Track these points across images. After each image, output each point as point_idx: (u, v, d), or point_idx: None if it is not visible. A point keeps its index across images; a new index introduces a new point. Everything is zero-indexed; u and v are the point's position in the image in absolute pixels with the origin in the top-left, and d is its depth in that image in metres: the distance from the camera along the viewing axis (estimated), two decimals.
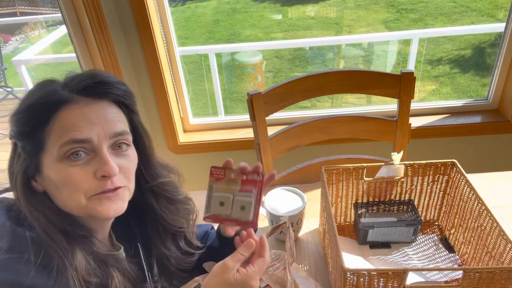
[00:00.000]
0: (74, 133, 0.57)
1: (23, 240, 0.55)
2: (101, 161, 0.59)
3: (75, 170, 0.58)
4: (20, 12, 4.02)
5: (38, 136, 0.58)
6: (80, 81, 0.60)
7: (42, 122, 0.57)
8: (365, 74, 1.22)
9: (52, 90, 0.59)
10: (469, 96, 3.35)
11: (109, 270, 0.61)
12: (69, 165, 0.58)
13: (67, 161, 0.58)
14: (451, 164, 0.95)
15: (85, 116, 0.58)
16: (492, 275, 0.67)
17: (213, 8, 4.86)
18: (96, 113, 0.60)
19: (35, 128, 0.58)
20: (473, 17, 4.08)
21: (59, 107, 0.58)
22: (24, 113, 0.58)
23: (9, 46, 4.04)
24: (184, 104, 1.79)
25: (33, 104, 0.58)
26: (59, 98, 0.58)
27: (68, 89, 0.60)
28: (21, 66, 2.72)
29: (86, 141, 0.58)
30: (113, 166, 0.59)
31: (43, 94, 0.59)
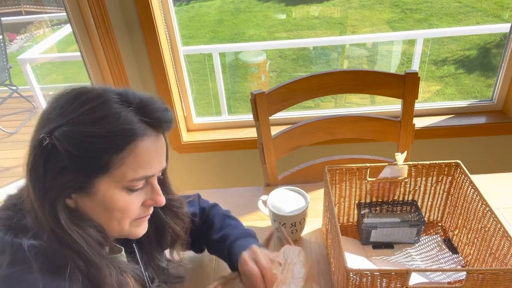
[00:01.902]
0: (148, 170, 0.59)
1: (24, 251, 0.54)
2: (154, 192, 0.63)
3: (133, 199, 0.60)
4: (25, 11, 4.04)
5: (105, 161, 0.55)
6: (155, 115, 0.59)
7: (115, 149, 0.56)
8: (369, 74, 1.22)
9: (131, 121, 0.56)
10: (474, 96, 3.34)
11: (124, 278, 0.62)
12: (128, 194, 0.59)
13: (127, 190, 0.59)
14: (455, 164, 0.95)
15: (156, 152, 0.60)
16: (495, 277, 0.67)
17: (217, 8, 4.86)
18: (161, 148, 0.62)
19: (105, 153, 0.55)
20: (478, 17, 4.06)
21: (135, 138, 0.57)
22: (97, 138, 0.54)
23: (14, 45, 4.06)
24: (188, 103, 1.80)
25: (110, 132, 0.55)
26: (137, 131, 0.57)
27: (142, 120, 0.58)
28: (26, 65, 2.74)
29: (151, 176, 0.61)
30: (163, 197, 0.64)
31: (121, 123, 0.56)
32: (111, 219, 0.60)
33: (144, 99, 0.60)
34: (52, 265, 0.55)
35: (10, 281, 0.52)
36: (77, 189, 0.57)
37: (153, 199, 0.63)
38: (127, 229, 0.63)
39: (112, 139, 0.55)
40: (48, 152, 0.54)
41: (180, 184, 0.85)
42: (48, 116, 0.57)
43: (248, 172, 1.89)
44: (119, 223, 0.61)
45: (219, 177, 1.92)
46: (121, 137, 0.56)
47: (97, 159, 0.55)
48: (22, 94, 3.39)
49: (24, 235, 0.56)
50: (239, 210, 1.13)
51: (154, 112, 0.59)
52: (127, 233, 0.64)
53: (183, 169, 1.89)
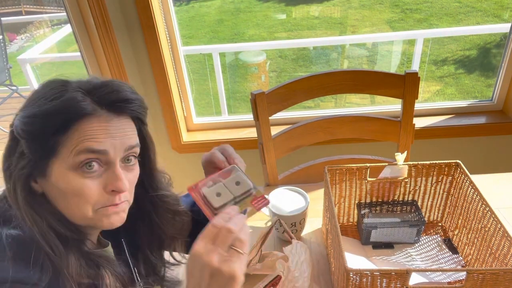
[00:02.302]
0: (92, 143, 0.57)
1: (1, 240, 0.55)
2: (114, 176, 0.60)
3: (88, 182, 0.58)
4: (25, 11, 4.04)
5: (52, 142, 0.56)
6: (105, 95, 0.58)
7: (60, 130, 0.56)
8: (369, 74, 1.22)
9: (74, 100, 0.56)
10: (474, 96, 3.34)
11: (100, 271, 0.61)
12: (82, 176, 0.58)
13: (80, 171, 0.57)
14: (455, 164, 0.95)
15: (105, 130, 0.58)
16: (495, 277, 0.67)
17: (217, 8, 4.86)
18: (116, 128, 0.60)
19: (51, 134, 0.56)
20: (478, 17, 4.06)
21: (80, 118, 0.56)
22: (41, 118, 0.55)
23: (14, 45, 4.06)
24: (188, 103, 1.80)
25: (52, 111, 0.55)
26: (81, 110, 0.56)
27: (90, 100, 0.57)
28: (26, 65, 2.74)
29: (102, 153, 0.58)
30: (125, 183, 0.60)
31: (64, 102, 0.56)
32: (70, 205, 0.59)
33: (103, 82, 0.60)
34: (26, 254, 0.55)
35: None
36: (35, 174, 0.58)
37: (114, 185, 0.59)
38: (94, 218, 0.60)
39: (54, 119, 0.55)
40: (12, 137, 0.58)
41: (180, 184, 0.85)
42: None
43: (248, 172, 1.88)
44: (78, 208, 0.59)
45: None
46: (63, 115, 0.55)
47: (44, 141, 0.56)
48: (22, 94, 3.39)
49: (7, 224, 0.57)
50: None
51: (105, 92, 0.58)
52: (95, 222, 0.61)
53: (183, 169, 1.88)
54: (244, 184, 0.66)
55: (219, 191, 0.64)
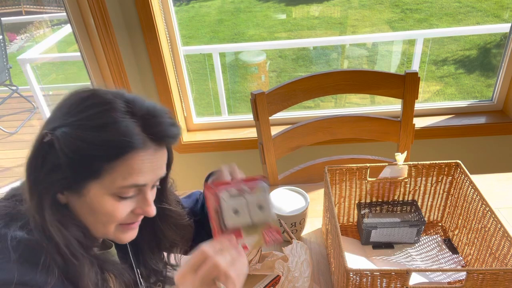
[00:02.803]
0: (137, 179, 0.58)
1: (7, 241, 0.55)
2: (145, 202, 0.62)
3: (121, 206, 0.60)
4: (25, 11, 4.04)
5: (96, 167, 0.56)
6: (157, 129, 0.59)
7: (108, 159, 0.56)
8: (369, 74, 1.22)
9: (128, 132, 0.56)
10: (474, 96, 3.34)
11: (105, 275, 0.62)
12: (117, 200, 0.59)
13: (117, 196, 0.59)
14: (455, 164, 0.95)
15: (150, 164, 0.59)
16: (495, 277, 0.67)
17: (217, 8, 4.86)
18: (158, 161, 0.61)
19: (98, 160, 0.56)
20: (478, 17, 4.06)
21: (130, 151, 0.57)
22: (91, 144, 0.55)
23: (14, 45, 4.06)
24: (188, 103, 1.80)
25: (104, 141, 0.55)
26: (133, 144, 0.56)
27: (142, 132, 0.57)
28: (26, 65, 2.74)
29: (142, 185, 0.60)
30: (154, 208, 0.63)
31: (117, 133, 0.55)
32: (97, 222, 0.61)
33: (151, 110, 0.59)
34: (32, 257, 0.55)
35: None
36: (67, 188, 0.58)
37: (142, 209, 0.63)
38: (112, 233, 0.63)
39: (106, 148, 0.55)
40: (47, 147, 0.55)
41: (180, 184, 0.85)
42: (56, 113, 0.58)
43: (248, 172, 1.88)
44: (104, 226, 0.61)
45: None
46: (116, 147, 0.56)
47: (89, 164, 0.56)
48: (22, 94, 3.39)
49: (14, 225, 0.57)
50: None
51: (158, 125, 0.59)
52: (112, 237, 0.64)
53: (183, 169, 1.88)
54: (267, 212, 0.61)
55: (238, 208, 0.59)
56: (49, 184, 0.56)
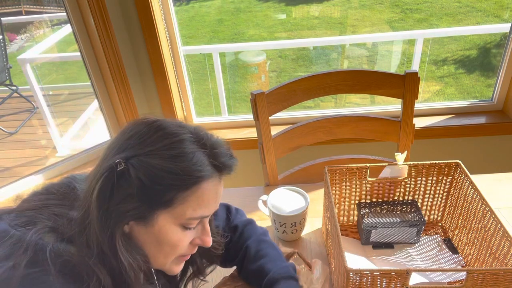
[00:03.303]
0: (206, 211, 0.61)
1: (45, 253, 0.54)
2: (204, 232, 0.65)
3: (185, 236, 0.62)
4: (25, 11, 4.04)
5: (169, 197, 0.57)
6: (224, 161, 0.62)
7: (181, 189, 0.57)
8: (369, 74, 1.22)
9: (201, 164, 0.58)
10: (474, 96, 3.34)
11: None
12: (182, 230, 0.61)
13: (183, 227, 0.61)
14: (455, 164, 0.95)
15: (215, 196, 0.62)
16: (495, 277, 0.67)
17: (217, 8, 4.86)
18: (221, 192, 0.64)
19: (173, 189, 0.57)
20: (478, 17, 4.06)
21: (203, 180, 0.59)
22: (169, 174, 0.56)
23: (14, 45, 4.06)
24: (188, 103, 1.80)
25: (180, 171, 0.57)
26: (206, 174, 0.59)
27: (211, 163, 0.60)
28: (26, 65, 2.73)
29: (207, 216, 0.63)
30: (211, 239, 0.66)
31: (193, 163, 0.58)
32: (160, 252, 0.62)
33: (215, 142, 0.62)
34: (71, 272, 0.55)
35: (26, 282, 0.52)
36: (137, 218, 0.58)
37: (201, 239, 0.65)
38: (169, 265, 0.64)
39: (182, 177, 0.57)
40: (119, 176, 0.56)
41: None
42: (126, 142, 0.58)
43: (248, 172, 1.89)
44: (165, 257, 0.63)
45: None
46: (191, 177, 0.57)
47: (163, 193, 0.57)
48: (22, 94, 3.39)
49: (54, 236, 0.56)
50: None
51: (222, 156, 0.62)
52: (166, 268, 0.65)
53: None
54: None
55: None
56: (120, 215, 0.56)
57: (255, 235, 0.84)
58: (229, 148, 0.65)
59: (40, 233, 0.56)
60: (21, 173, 2.76)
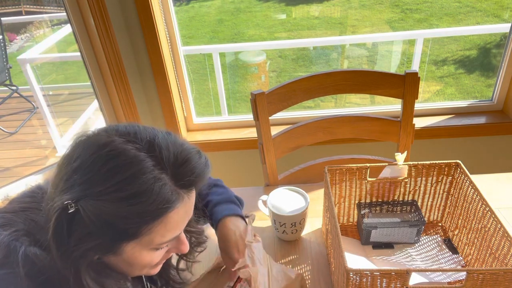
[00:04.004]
0: (176, 232, 0.58)
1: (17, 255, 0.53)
2: (180, 242, 0.63)
3: (158, 254, 0.60)
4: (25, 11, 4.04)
5: (133, 230, 0.53)
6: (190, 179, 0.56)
7: (144, 224, 0.53)
8: (369, 74, 1.22)
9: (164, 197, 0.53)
10: (474, 96, 3.34)
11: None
12: (154, 251, 0.59)
13: (154, 249, 0.58)
14: (455, 164, 0.95)
15: (186, 213, 0.58)
16: (495, 277, 0.67)
17: (217, 8, 4.86)
18: (191, 205, 0.60)
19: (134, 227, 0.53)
20: (478, 17, 4.06)
21: (167, 212, 0.54)
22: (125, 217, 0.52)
23: (14, 45, 4.05)
24: (188, 103, 1.80)
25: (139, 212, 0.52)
26: (173, 204, 0.54)
27: (176, 188, 0.55)
28: (26, 65, 2.74)
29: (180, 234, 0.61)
30: (188, 244, 0.64)
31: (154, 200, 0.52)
32: (134, 270, 0.61)
33: (179, 156, 0.55)
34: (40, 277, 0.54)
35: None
36: (102, 252, 0.56)
37: (177, 248, 0.64)
38: (146, 272, 0.64)
39: (142, 217, 0.53)
40: (72, 217, 0.51)
41: None
42: (73, 176, 0.52)
43: (248, 172, 1.89)
44: (140, 271, 0.62)
45: (219, 177, 1.92)
46: (153, 214, 0.53)
47: (123, 231, 0.53)
48: (22, 94, 3.39)
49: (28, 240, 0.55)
50: None
51: (191, 173, 0.56)
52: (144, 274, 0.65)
53: None
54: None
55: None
56: (82, 252, 0.53)
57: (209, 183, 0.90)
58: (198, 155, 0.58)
59: (14, 236, 0.54)
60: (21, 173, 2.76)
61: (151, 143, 0.55)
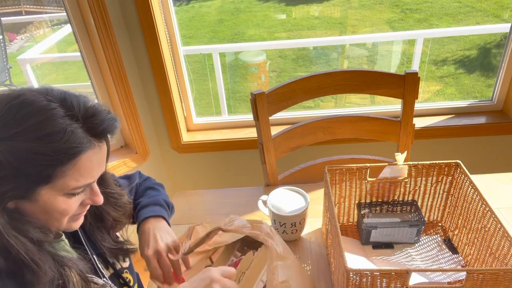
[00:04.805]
0: (89, 178, 0.61)
1: None
2: (93, 193, 0.66)
3: (72, 203, 0.62)
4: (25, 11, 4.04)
5: (46, 174, 0.56)
6: (100, 128, 0.61)
7: (58, 165, 0.57)
8: (369, 74, 1.22)
9: (76, 138, 0.57)
10: (474, 96, 3.34)
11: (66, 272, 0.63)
12: (68, 197, 0.61)
13: (68, 195, 0.61)
14: (455, 164, 0.95)
15: (98, 161, 0.62)
16: (495, 277, 0.67)
17: (217, 8, 4.86)
18: (103, 156, 0.64)
19: (48, 166, 0.56)
20: (478, 17, 4.06)
21: (79, 154, 0.58)
22: (41, 155, 0.55)
23: (14, 45, 4.05)
24: (188, 103, 1.80)
25: (52, 151, 0.55)
26: (82, 148, 0.58)
27: (86, 133, 0.59)
28: (26, 65, 2.73)
29: (93, 182, 0.64)
30: (102, 197, 0.67)
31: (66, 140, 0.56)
32: (50, 219, 0.62)
33: (89, 109, 0.60)
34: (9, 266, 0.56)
35: None
36: (17, 197, 0.58)
37: (92, 199, 0.66)
38: (64, 226, 0.65)
39: (55, 157, 0.56)
40: None
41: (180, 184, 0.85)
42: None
43: (248, 172, 1.89)
44: (58, 221, 0.63)
45: (219, 177, 1.92)
46: (66, 154, 0.57)
47: (39, 172, 0.56)
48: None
49: None
50: (239, 210, 1.13)
51: (100, 124, 0.60)
52: (64, 228, 0.66)
53: (183, 169, 1.88)
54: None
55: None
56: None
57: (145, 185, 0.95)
58: (107, 111, 0.63)
59: None
60: None
61: (62, 97, 0.60)
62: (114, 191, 0.79)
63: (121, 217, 0.81)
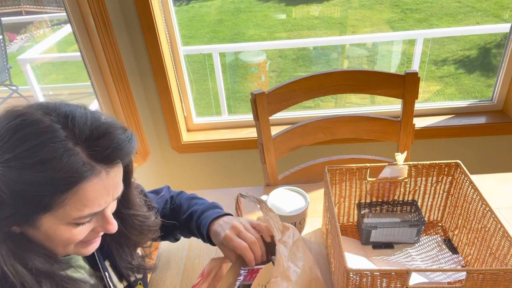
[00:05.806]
0: (95, 208, 0.55)
1: None
2: (105, 220, 0.60)
3: (79, 231, 0.57)
4: (25, 11, 4.04)
5: (46, 202, 0.51)
6: (105, 152, 0.54)
7: (56, 193, 0.51)
8: (369, 74, 1.22)
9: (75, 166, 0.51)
10: (474, 96, 3.34)
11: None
12: (74, 227, 0.56)
13: (73, 224, 0.56)
14: (455, 164, 0.95)
15: (105, 189, 0.55)
16: (495, 277, 0.67)
17: (217, 8, 4.86)
18: (112, 182, 0.57)
19: (44, 196, 0.51)
20: (478, 17, 4.06)
21: (79, 183, 0.52)
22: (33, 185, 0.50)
23: (14, 45, 4.06)
24: (188, 103, 1.80)
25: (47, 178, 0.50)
26: (82, 176, 0.52)
27: (90, 159, 0.53)
28: (26, 65, 2.74)
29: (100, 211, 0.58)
30: (115, 225, 0.61)
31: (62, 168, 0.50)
32: (56, 245, 0.58)
33: (95, 130, 0.54)
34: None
35: None
36: (18, 223, 0.54)
37: (103, 227, 0.60)
38: (73, 251, 0.61)
39: (51, 186, 0.50)
40: None
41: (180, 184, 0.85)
42: None
43: (248, 172, 1.89)
44: (64, 248, 0.59)
45: (219, 177, 1.92)
46: (63, 183, 0.51)
47: (36, 201, 0.51)
48: (22, 94, 3.39)
49: None
50: None
51: (106, 148, 0.54)
52: (73, 253, 0.62)
53: (183, 169, 1.89)
54: None
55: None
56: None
57: (185, 196, 0.93)
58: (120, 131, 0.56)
59: None
60: None
61: (67, 116, 0.53)
62: (139, 213, 0.72)
63: (144, 239, 0.76)
